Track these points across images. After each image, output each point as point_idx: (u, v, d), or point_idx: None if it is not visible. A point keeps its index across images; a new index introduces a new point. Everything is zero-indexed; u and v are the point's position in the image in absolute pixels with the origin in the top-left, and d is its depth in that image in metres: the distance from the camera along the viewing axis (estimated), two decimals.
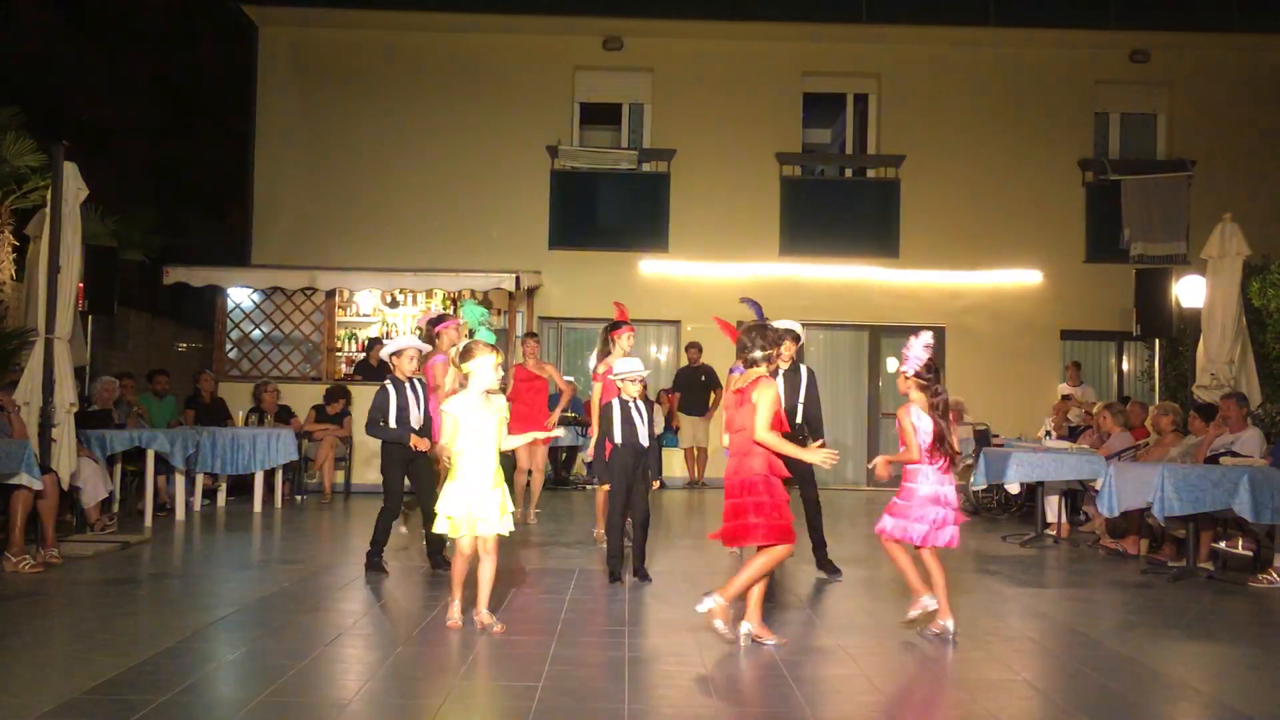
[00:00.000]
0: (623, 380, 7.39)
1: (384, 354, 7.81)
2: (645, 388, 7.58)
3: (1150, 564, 8.56)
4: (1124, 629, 6.29)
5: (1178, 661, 5.55)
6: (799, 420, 7.69)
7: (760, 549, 5.50)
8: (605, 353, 8.55)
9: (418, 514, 8.01)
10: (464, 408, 5.74)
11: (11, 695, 4.48)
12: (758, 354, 5.64)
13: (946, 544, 5.81)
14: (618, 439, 7.27)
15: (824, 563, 7.76)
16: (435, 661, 5.28)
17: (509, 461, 7.64)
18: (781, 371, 7.69)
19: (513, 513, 6.00)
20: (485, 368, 5.74)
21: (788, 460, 5.75)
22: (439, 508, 5.84)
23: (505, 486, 5.87)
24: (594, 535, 9.40)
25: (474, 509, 5.70)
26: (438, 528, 5.91)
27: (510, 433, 6.25)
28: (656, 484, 7.63)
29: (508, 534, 5.84)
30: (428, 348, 8.15)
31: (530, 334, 11.74)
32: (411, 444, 7.36)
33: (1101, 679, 5.06)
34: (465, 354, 5.83)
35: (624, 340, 8.44)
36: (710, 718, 4.38)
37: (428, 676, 4.99)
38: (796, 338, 7.77)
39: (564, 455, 14.37)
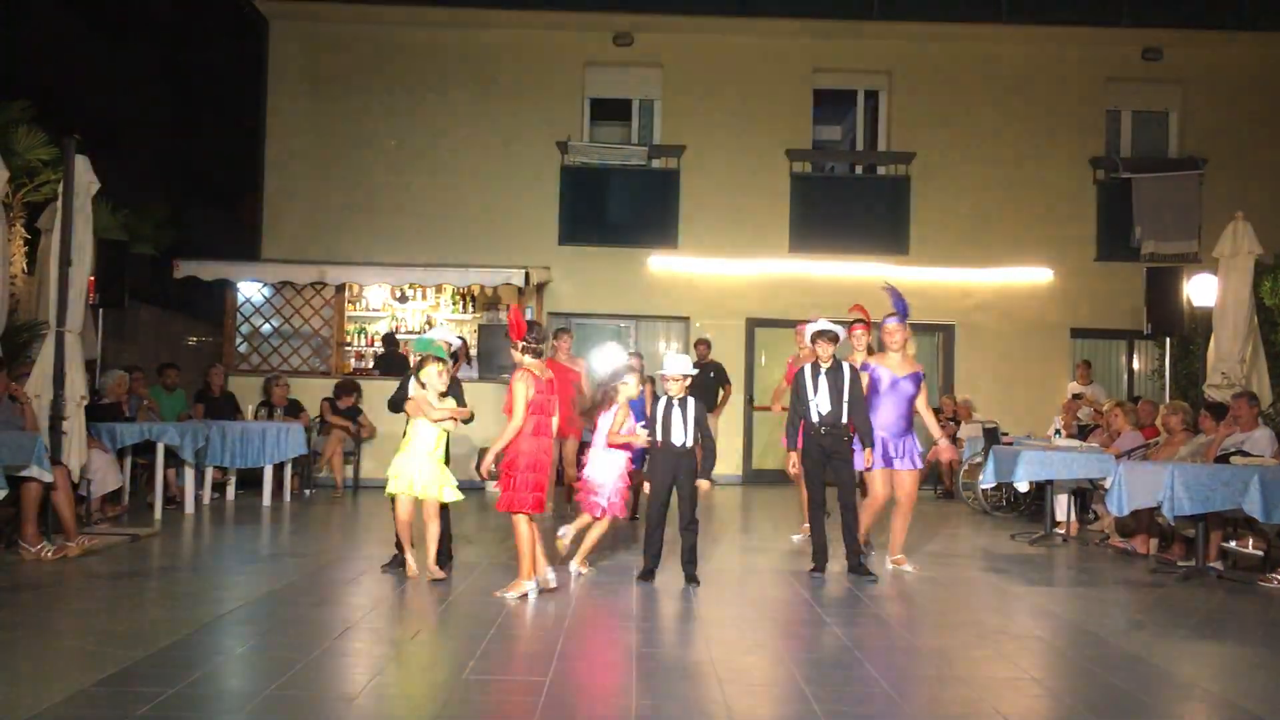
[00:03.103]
0: (664, 379, 7.33)
1: (421, 342, 7.82)
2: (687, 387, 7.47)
3: (1159, 563, 8.54)
4: (1132, 628, 6.27)
5: (1186, 661, 5.53)
6: (844, 421, 7.65)
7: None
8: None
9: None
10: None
11: (21, 687, 4.50)
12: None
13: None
14: (659, 438, 7.22)
15: (856, 566, 7.69)
16: (443, 656, 5.29)
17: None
18: (823, 371, 7.67)
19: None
20: (433, 375, 7.23)
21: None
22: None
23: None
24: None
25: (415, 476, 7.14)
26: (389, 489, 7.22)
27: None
28: (707, 485, 7.46)
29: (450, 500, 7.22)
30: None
31: (563, 329, 11.68)
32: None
33: (1109, 678, 5.05)
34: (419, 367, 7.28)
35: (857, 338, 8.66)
36: (719, 714, 4.38)
37: (435, 671, 5.00)
38: (834, 338, 7.73)
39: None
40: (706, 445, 7.45)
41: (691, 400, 7.30)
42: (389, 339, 14.75)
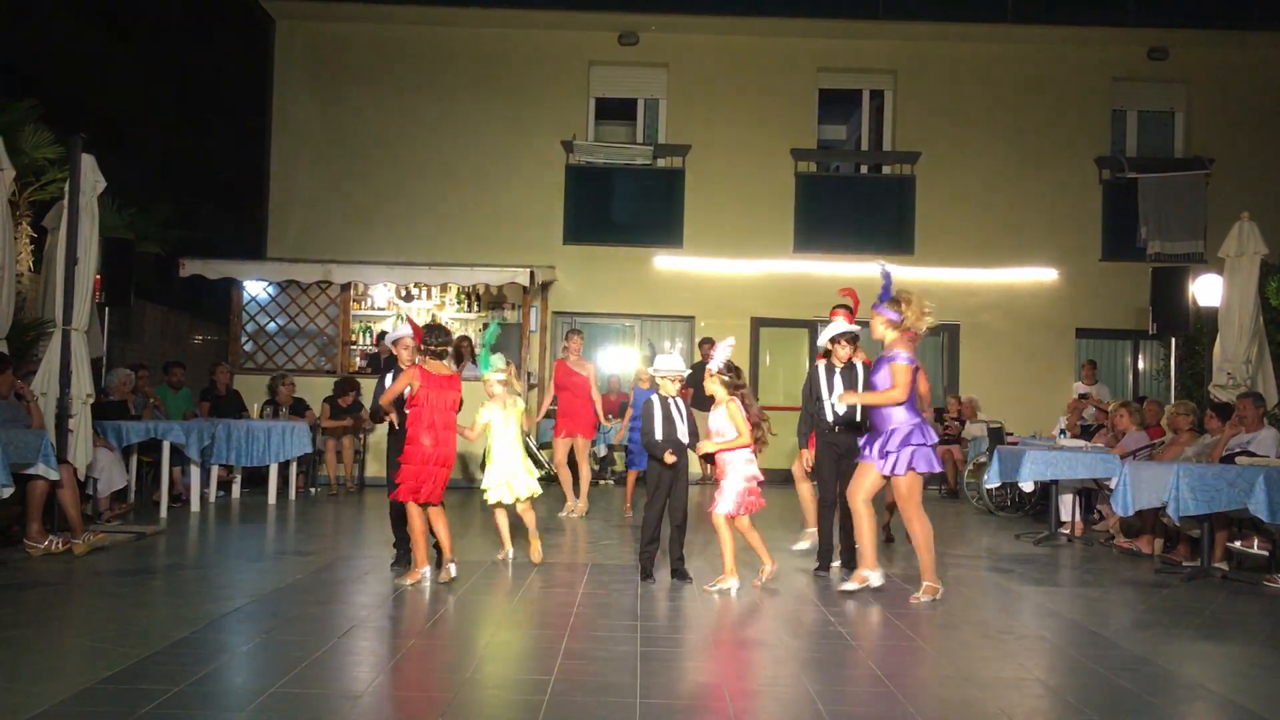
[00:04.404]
0: (661, 378, 7.35)
1: (386, 342, 8.01)
2: (683, 386, 7.51)
3: (1164, 563, 8.53)
4: (1137, 628, 6.27)
5: (1191, 661, 5.53)
6: (857, 420, 7.61)
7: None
8: None
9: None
10: (493, 411, 7.73)
11: (27, 684, 4.51)
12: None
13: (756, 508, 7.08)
14: (658, 436, 7.21)
15: (852, 562, 7.70)
16: (448, 654, 5.29)
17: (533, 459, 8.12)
18: (838, 370, 7.67)
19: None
20: (495, 384, 7.72)
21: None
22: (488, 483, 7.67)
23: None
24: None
25: (511, 480, 7.63)
26: (491, 499, 7.69)
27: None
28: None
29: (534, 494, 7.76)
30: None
31: (574, 330, 11.68)
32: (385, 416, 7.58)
33: (1114, 678, 5.05)
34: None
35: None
36: (723, 712, 4.38)
37: (440, 669, 5.01)
38: (854, 338, 7.72)
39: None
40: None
41: (681, 400, 7.36)
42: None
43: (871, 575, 7.01)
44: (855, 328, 7.77)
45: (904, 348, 6.87)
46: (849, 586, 6.94)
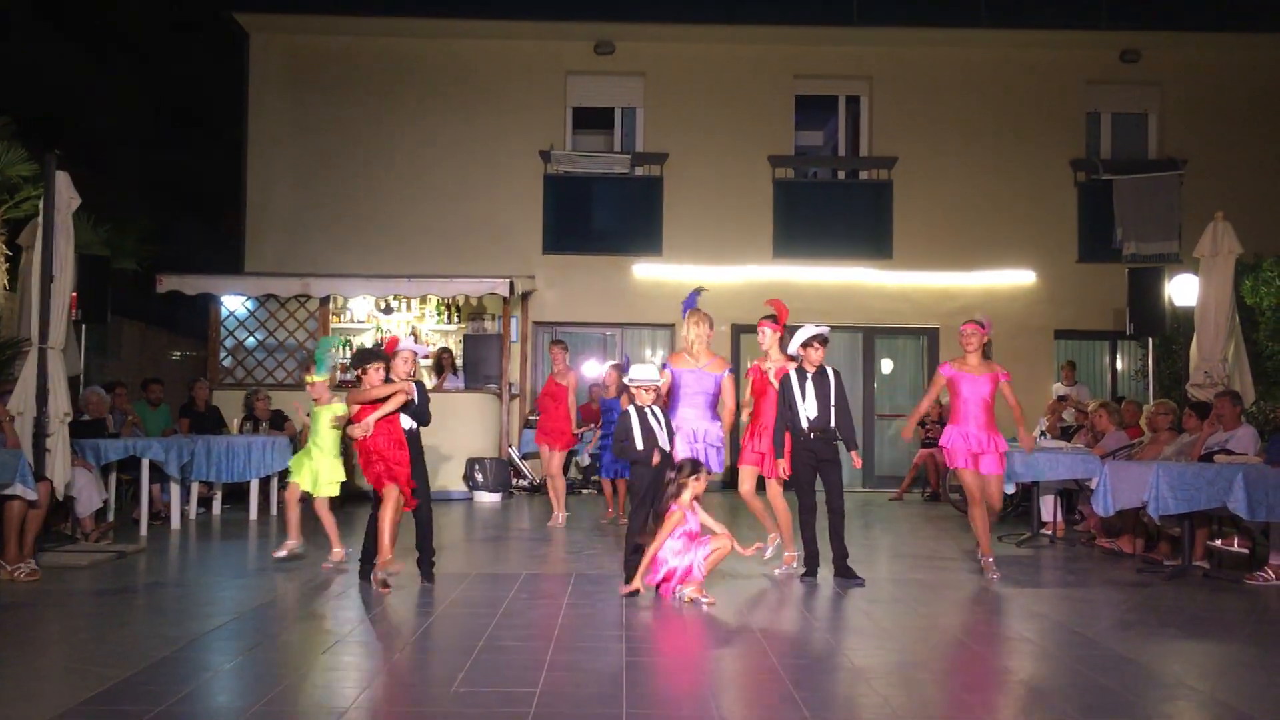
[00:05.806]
0: (636, 388, 7.34)
1: (404, 348, 7.86)
2: (659, 395, 7.50)
3: (1146, 563, 8.58)
4: (1120, 628, 6.29)
5: (1174, 660, 5.56)
6: (831, 425, 7.64)
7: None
8: None
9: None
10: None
11: (6, 706, 4.46)
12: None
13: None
14: (640, 446, 7.20)
15: (843, 570, 7.67)
16: (432, 669, 5.27)
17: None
18: (809, 376, 7.67)
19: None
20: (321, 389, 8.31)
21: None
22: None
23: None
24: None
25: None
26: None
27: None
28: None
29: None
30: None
31: (557, 342, 11.66)
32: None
33: (1098, 678, 5.07)
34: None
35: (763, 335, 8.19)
36: None
37: (424, 684, 4.98)
38: (824, 341, 7.74)
39: None
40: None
41: (657, 408, 7.34)
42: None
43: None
44: (826, 330, 7.78)
45: (673, 359, 7.99)
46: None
